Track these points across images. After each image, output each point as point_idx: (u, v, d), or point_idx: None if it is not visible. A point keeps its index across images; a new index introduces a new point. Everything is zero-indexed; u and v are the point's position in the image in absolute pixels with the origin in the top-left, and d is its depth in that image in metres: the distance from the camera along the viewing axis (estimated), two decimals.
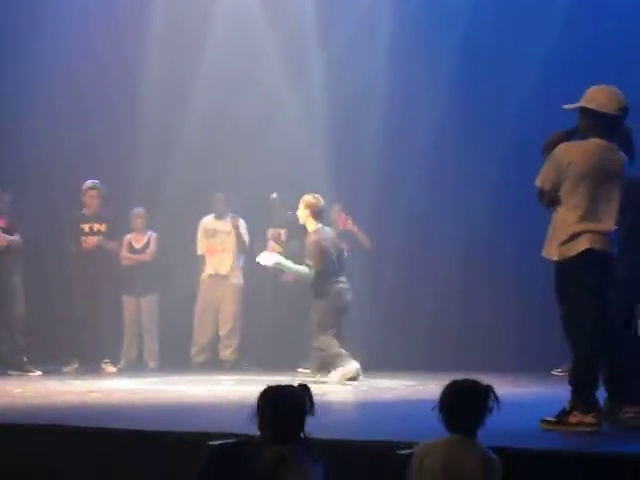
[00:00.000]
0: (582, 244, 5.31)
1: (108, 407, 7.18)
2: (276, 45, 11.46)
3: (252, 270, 10.76)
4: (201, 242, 11.26)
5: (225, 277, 11.11)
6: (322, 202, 9.34)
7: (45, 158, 11.53)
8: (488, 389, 4.11)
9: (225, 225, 11.18)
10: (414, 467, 4.09)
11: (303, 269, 9.29)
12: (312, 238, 9.26)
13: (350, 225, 10.86)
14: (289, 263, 9.44)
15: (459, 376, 4.22)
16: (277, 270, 9.97)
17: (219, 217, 11.23)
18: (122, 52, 11.51)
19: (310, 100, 11.35)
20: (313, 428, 4.18)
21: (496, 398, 4.09)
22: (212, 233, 11.21)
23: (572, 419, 5.24)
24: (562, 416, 5.28)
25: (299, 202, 9.43)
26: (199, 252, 11.25)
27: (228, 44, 11.28)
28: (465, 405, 4.09)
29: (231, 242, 11.11)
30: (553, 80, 10.26)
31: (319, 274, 9.18)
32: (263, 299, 11.08)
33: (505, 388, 7.44)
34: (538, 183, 5.46)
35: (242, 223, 11.15)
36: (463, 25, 10.84)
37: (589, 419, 5.24)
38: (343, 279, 9.32)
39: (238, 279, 11.15)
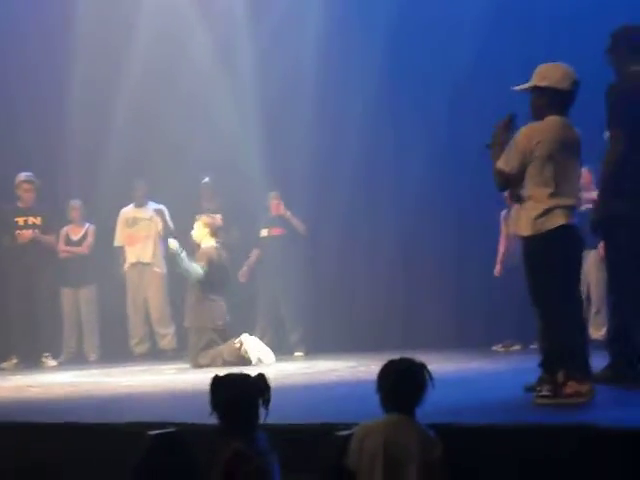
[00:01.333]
0: (557, 219, 5.31)
1: (48, 401, 7.10)
2: (206, 28, 11.40)
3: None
4: (120, 232, 11.17)
5: (148, 265, 11.03)
6: (219, 222, 9.85)
7: None
8: (422, 367, 4.12)
9: (146, 212, 11.09)
10: (354, 448, 4.09)
11: (195, 268, 9.39)
12: (206, 248, 9.58)
13: (282, 211, 10.85)
14: (185, 259, 9.45)
15: (400, 355, 4.23)
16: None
17: (139, 205, 11.14)
18: (50, 48, 11.39)
19: (243, 84, 11.29)
20: None
21: (430, 376, 4.10)
22: (133, 222, 11.13)
23: (568, 390, 5.19)
24: (557, 388, 5.23)
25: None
26: (117, 243, 11.16)
27: (157, 30, 11.19)
28: (401, 384, 4.09)
29: (154, 229, 11.04)
30: (486, 65, 10.30)
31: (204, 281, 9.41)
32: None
33: (445, 365, 7.56)
34: (502, 165, 5.38)
35: (165, 211, 11.10)
36: (395, 8, 10.83)
37: (585, 388, 5.20)
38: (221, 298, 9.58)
39: (161, 267, 11.07)
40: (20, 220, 10.83)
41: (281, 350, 10.49)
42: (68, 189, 11.41)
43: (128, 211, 11.19)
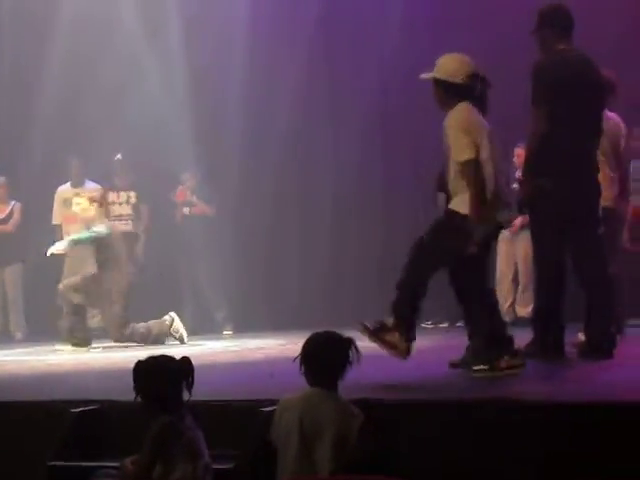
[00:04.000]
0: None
1: None
2: (133, 7, 11.23)
3: None
4: (57, 211, 11.00)
5: None
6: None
7: None
8: (349, 341, 4.11)
9: (83, 192, 10.95)
10: (274, 422, 4.09)
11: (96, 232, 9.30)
12: None
13: (188, 196, 10.82)
14: (81, 235, 9.40)
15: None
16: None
17: (75, 185, 10.99)
18: None
19: (168, 64, 11.16)
20: None
21: (357, 350, 4.10)
22: (69, 202, 10.97)
23: (503, 364, 5.39)
24: (492, 362, 5.41)
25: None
26: (55, 222, 11.01)
27: (83, 10, 11.01)
28: (324, 357, 4.09)
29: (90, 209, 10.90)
30: (413, 47, 10.34)
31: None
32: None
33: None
34: (467, 156, 5.35)
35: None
36: (319, 14, 10.84)
37: (517, 361, 5.44)
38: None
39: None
40: None
41: (208, 329, 10.48)
42: None
43: (64, 190, 11.02)
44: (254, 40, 10.90)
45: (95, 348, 9.14)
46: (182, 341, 9.21)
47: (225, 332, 10.62)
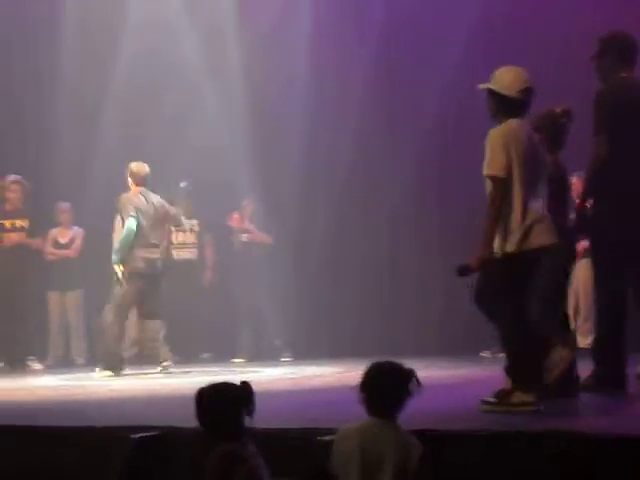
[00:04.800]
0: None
1: (33, 404, 7.09)
2: (196, 38, 11.36)
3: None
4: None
5: None
6: (146, 170, 9.43)
7: None
8: (410, 372, 4.11)
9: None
10: (334, 452, 4.09)
11: (126, 235, 9.22)
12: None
13: (244, 224, 10.91)
14: (119, 247, 9.34)
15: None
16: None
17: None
18: (36, 52, 11.41)
19: (230, 93, 11.26)
20: None
21: (418, 382, 4.09)
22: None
23: (514, 399, 5.20)
24: (503, 396, 5.24)
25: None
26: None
27: (147, 35, 11.17)
28: (386, 387, 4.09)
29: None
30: (475, 60, 10.31)
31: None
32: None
33: (430, 370, 7.56)
34: (494, 171, 5.24)
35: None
36: (384, 10, 10.84)
37: (530, 398, 5.20)
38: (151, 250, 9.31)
39: None
40: (7, 223, 10.80)
41: (267, 355, 10.53)
42: (55, 192, 11.37)
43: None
44: (315, 68, 10.96)
45: (152, 373, 9.20)
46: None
47: (283, 359, 10.65)
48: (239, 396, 4.10)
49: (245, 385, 4.14)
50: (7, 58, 11.49)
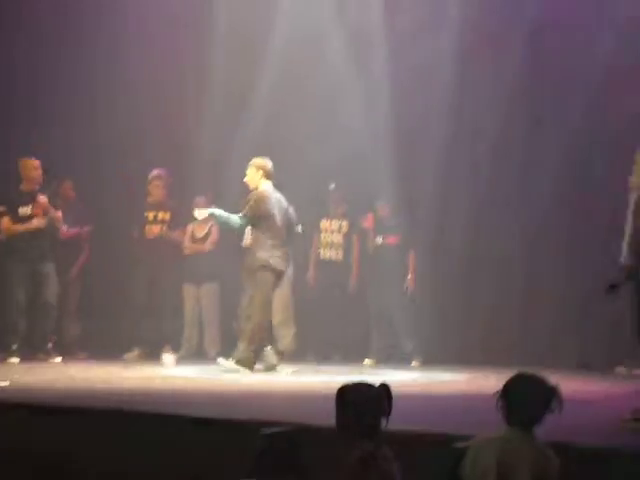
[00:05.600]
0: None
1: (167, 393, 7.24)
2: (342, 39, 11.38)
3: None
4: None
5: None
6: (270, 164, 9.33)
7: (103, 144, 11.67)
8: (554, 388, 4.05)
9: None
10: (469, 460, 4.04)
11: (235, 219, 9.23)
12: (258, 190, 9.25)
13: (376, 224, 10.92)
14: (222, 213, 9.35)
15: (514, 371, 4.16)
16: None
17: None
18: (186, 48, 11.67)
19: (373, 95, 11.24)
20: None
21: (560, 400, 4.02)
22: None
23: None
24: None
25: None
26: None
27: (294, 35, 11.22)
28: (530, 399, 4.02)
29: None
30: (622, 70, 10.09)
31: (252, 226, 9.16)
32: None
33: (563, 384, 7.41)
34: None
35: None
36: (531, 18, 10.68)
37: None
38: (280, 251, 9.23)
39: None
40: (150, 215, 11.08)
41: (396, 359, 10.50)
42: (196, 185, 11.57)
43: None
44: (460, 75, 10.85)
45: (287, 370, 9.26)
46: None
47: (413, 363, 10.60)
48: (379, 396, 4.10)
49: (384, 386, 4.12)
50: (153, 57, 11.73)
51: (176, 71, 11.78)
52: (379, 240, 10.96)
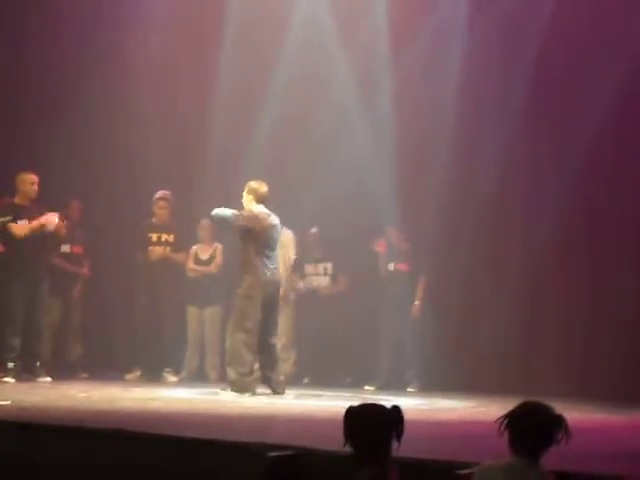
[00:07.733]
0: None
1: (168, 415, 7.22)
2: (348, 65, 11.43)
3: None
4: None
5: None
6: (265, 188, 9.33)
7: (112, 166, 11.72)
8: (561, 418, 4.03)
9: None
10: None
11: (228, 210, 9.25)
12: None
13: (383, 250, 10.94)
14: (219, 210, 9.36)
15: (518, 400, 4.15)
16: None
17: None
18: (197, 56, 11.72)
19: (378, 122, 11.27)
20: None
21: (567, 430, 4.00)
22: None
23: None
24: None
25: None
26: None
27: (301, 57, 11.28)
28: (535, 430, 4.00)
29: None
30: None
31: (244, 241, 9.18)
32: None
33: (569, 413, 7.39)
34: None
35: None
36: (536, 45, 10.72)
37: None
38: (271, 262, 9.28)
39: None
40: (154, 236, 11.08)
41: (393, 385, 10.47)
42: (202, 208, 11.58)
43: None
44: (462, 100, 10.90)
45: (289, 395, 9.23)
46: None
47: (409, 389, 10.56)
48: (390, 418, 4.07)
49: (396, 408, 4.08)
50: (171, 68, 11.78)
51: (184, 89, 11.83)
52: (391, 266, 10.95)
